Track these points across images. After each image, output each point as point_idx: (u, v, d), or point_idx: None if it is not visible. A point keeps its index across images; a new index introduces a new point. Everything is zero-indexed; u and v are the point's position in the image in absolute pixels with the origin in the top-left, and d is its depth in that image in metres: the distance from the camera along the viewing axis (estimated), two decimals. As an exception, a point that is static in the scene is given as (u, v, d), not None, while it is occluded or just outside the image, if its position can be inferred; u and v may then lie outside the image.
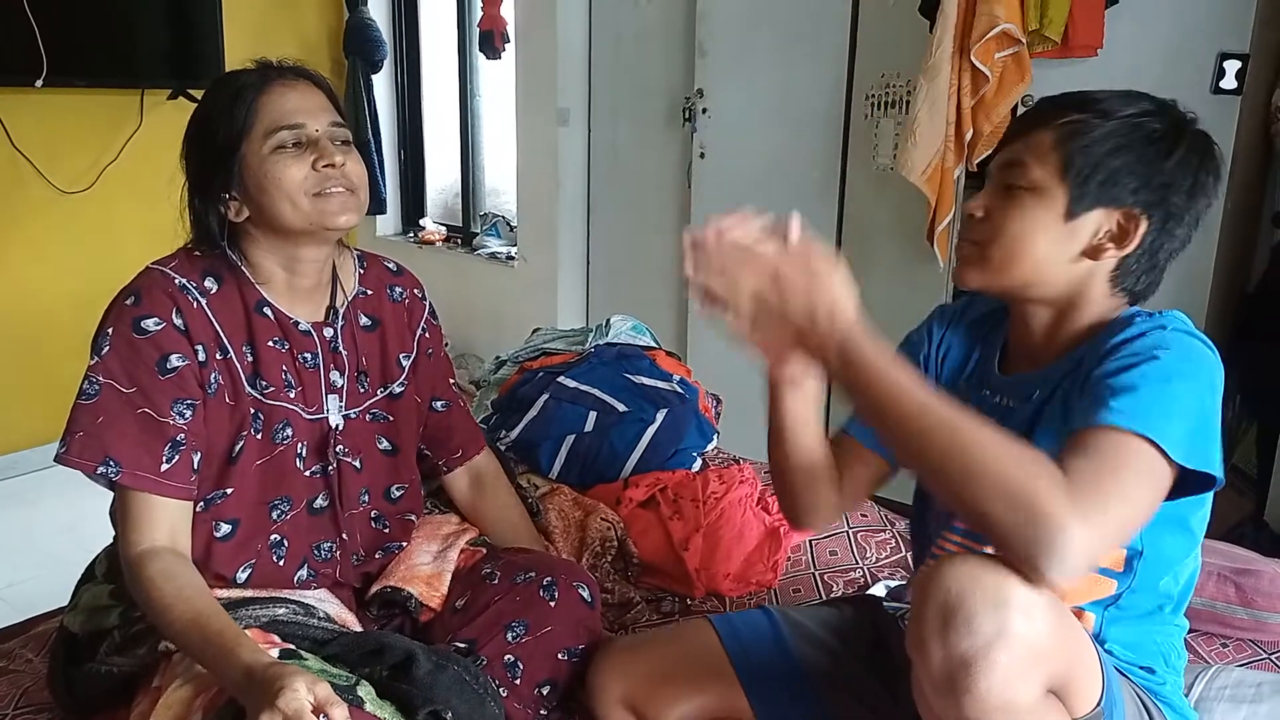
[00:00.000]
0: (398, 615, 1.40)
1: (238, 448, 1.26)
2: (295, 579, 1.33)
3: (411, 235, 4.50)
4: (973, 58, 2.40)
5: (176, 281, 1.25)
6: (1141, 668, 1.12)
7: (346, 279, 1.41)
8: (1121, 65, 2.34)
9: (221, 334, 1.26)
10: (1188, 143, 1.04)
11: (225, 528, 1.27)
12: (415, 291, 1.50)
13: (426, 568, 1.44)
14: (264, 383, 1.29)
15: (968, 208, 1.11)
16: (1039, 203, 1.05)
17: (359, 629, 1.34)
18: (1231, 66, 2.22)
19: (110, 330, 1.22)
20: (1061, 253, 1.06)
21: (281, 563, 1.31)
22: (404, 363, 1.45)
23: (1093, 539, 0.83)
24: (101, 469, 1.17)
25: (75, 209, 3.44)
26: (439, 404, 1.54)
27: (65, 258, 3.46)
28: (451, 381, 1.58)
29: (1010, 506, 0.84)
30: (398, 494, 1.44)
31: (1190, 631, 1.54)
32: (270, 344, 1.30)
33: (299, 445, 1.32)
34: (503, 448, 1.97)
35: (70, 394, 1.22)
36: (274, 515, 1.30)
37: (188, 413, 1.22)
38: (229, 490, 1.26)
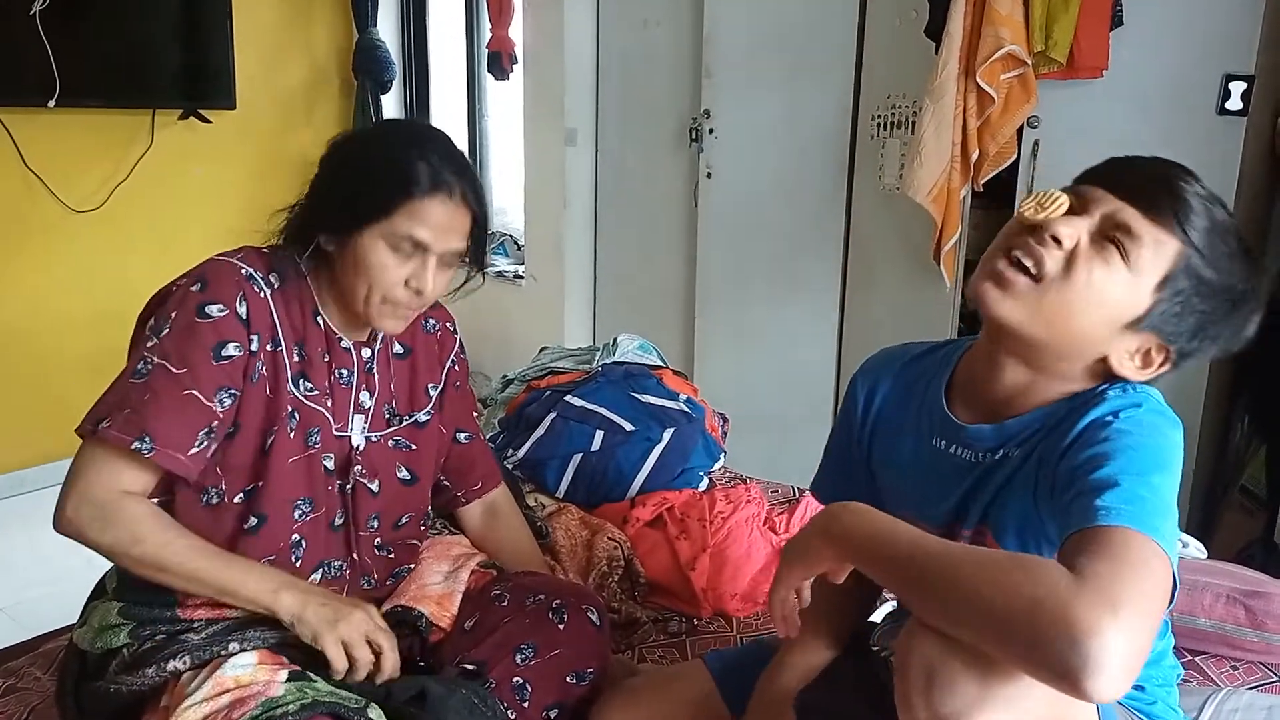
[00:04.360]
0: (407, 635, 1.40)
1: (269, 440, 1.28)
2: (308, 583, 1.33)
3: (419, 254, 4.52)
4: (978, 79, 2.41)
5: (244, 271, 1.27)
6: (1132, 686, 1.11)
7: None
8: (1127, 86, 2.35)
9: (279, 327, 1.28)
10: (1244, 312, 1.04)
11: (254, 520, 1.29)
12: (448, 325, 1.53)
13: (437, 587, 1.44)
14: (308, 384, 1.31)
15: (1055, 226, 0.98)
16: (1127, 284, 0.99)
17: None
18: (1237, 88, 2.22)
19: (174, 314, 1.23)
20: (1098, 341, 1.01)
21: (298, 563, 1.32)
22: (431, 392, 1.47)
23: (1127, 641, 0.77)
24: (136, 444, 1.18)
25: (86, 228, 3.46)
26: (463, 436, 1.56)
27: (75, 276, 3.48)
28: (475, 414, 1.61)
29: (1033, 619, 0.79)
30: (404, 520, 1.46)
31: (1200, 654, 1.54)
32: (318, 350, 1.33)
33: (325, 456, 1.34)
34: (510, 466, 1.98)
35: (79, 410, 1.23)
36: (296, 514, 1.32)
37: (228, 401, 1.24)
38: (261, 484, 1.28)
